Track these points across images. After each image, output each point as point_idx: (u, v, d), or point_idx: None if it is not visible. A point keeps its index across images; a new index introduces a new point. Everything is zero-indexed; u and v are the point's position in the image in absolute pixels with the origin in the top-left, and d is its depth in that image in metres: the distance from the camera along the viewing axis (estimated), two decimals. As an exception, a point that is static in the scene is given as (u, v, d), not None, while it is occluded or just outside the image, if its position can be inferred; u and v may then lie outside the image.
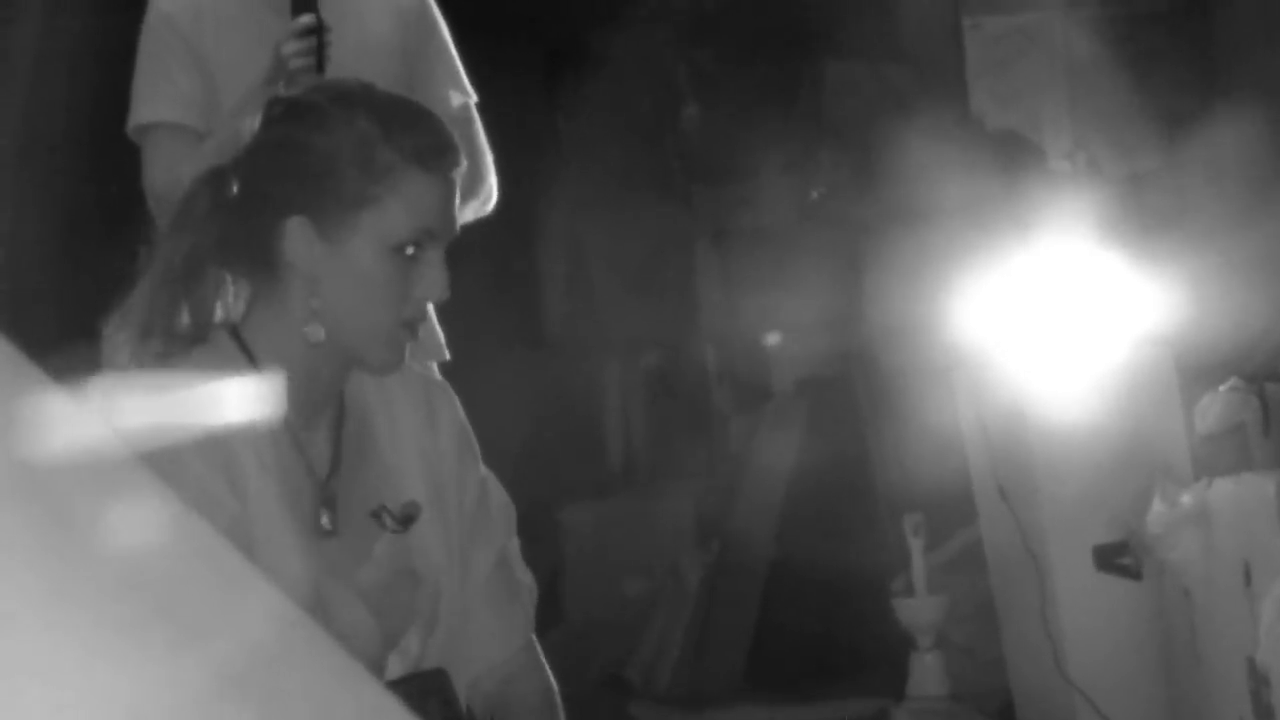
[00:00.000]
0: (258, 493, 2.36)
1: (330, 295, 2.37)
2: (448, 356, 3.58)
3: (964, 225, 4.81)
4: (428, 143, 2.38)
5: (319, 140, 2.37)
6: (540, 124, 6.46)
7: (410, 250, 2.36)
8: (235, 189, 2.42)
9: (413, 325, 2.41)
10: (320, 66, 3.35)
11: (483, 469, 2.56)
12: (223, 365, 2.39)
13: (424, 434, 2.50)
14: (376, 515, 2.44)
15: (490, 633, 2.52)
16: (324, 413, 2.45)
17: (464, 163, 2.45)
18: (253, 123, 2.45)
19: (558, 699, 2.56)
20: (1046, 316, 4.46)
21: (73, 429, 0.99)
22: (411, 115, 2.43)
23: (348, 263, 2.36)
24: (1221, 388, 4.04)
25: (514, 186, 3.70)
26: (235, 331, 2.43)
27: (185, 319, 2.42)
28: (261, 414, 2.39)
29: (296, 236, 2.36)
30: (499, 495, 2.56)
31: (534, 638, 2.58)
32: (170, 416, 2.32)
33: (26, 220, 5.25)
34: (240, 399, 2.38)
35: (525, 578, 2.64)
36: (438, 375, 3.47)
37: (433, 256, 2.37)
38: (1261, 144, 4.39)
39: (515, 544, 2.62)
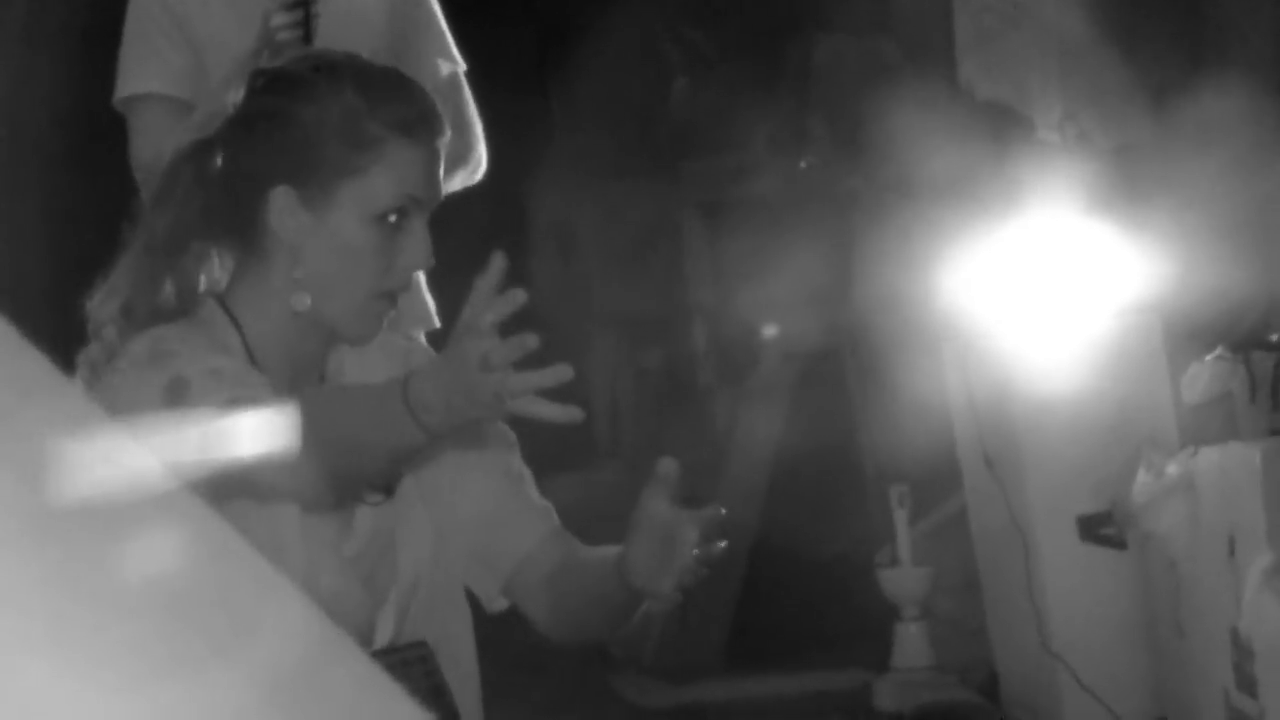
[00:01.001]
0: None
1: (314, 265, 2.37)
2: (438, 324, 3.57)
3: (953, 197, 4.79)
4: (413, 112, 2.38)
5: (304, 111, 2.36)
6: (530, 99, 6.45)
7: (394, 219, 2.35)
8: (219, 161, 2.41)
9: (393, 295, 2.40)
10: (308, 38, 3.34)
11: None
12: (205, 330, 2.39)
13: None
14: None
15: (511, 532, 2.51)
16: (306, 382, 2.44)
17: (448, 131, 2.44)
18: (236, 94, 2.44)
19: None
20: (1034, 287, 4.45)
21: (91, 433, 0.99)
22: (396, 85, 2.42)
23: (332, 232, 2.35)
24: (1208, 357, 4.02)
25: (503, 161, 3.70)
26: (222, 301, 2.42)
27: (169, 292, 2.41)
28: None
29: (281, 207, 2.36)
30: (498, 430, 2.54)
31: (570, 535, 2.55)
32: (165, 342, 2.31)
33: (15, 203, 5.23)
34: (231, 367, 2.36)
35: (540, 500, 2.62)
36: (424, 343, 3.46)
37: (416, 225, 2.37)
38: (1249, 114, 4.37)
39: (528, 472, 2.60)
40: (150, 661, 0.91)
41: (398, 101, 2.37)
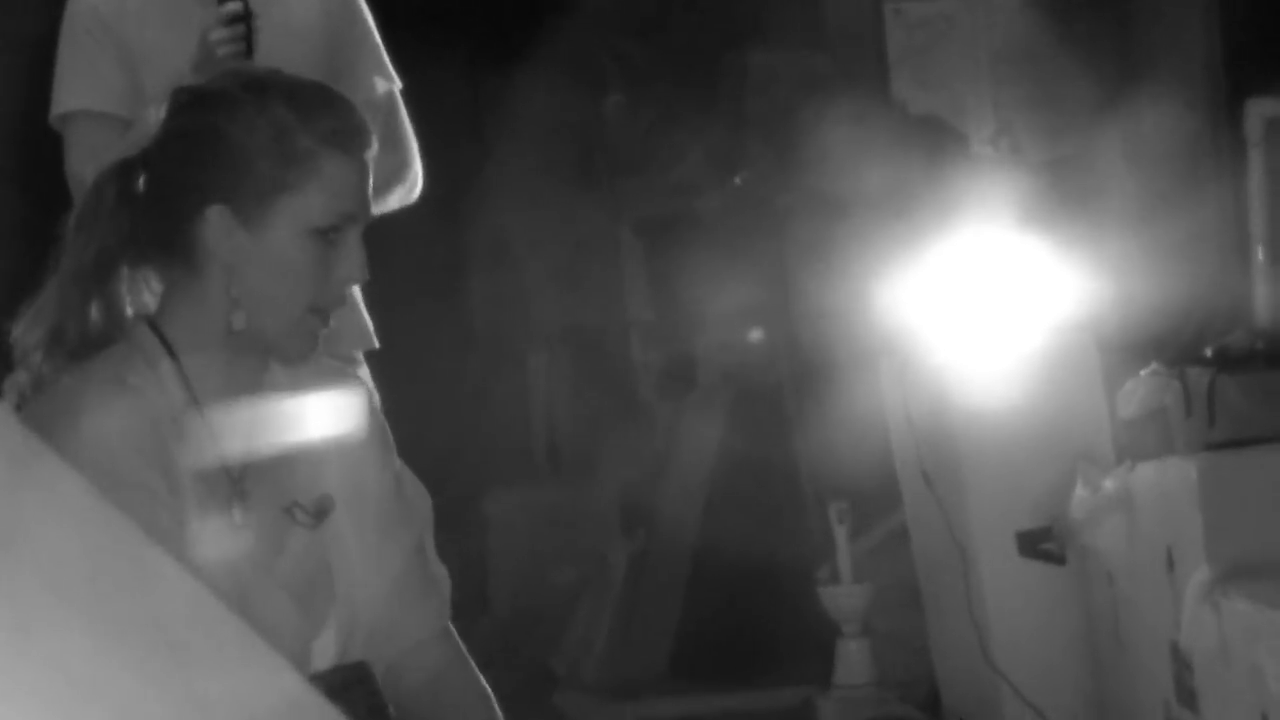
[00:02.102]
0: (183, 490, 2.34)
1: (250, 282, 2.34)
2: (376, 344, 3.55)
3: (887, 211, 4.81)
4: (343, 125, 2.36)
5: (232, 128, 2.34)
6: (464, 115, 6.44)
7: (330, 234, 2.34)
8: (143, 181, 2.39)
9: (326, 312, 2.38)
10: (249, 53, 3.32)
11: (397, 462, 2.54)
12: (140, 360, 2.36)
13: (340, 429, 2.48)
14: (288, 510, 2.42)
15: (404, 619, 2.50)
16: (240, 404, 2.42)
17: (375, 144, 2.43)
18: (159, 112, 2.42)
19: (494, 703, 2.52)
20: (969, 302, 4.46)
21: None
22: (324, 99, 2.40)
23: (269, 249, 2.33)
24: (1143, 372, 4.04)
25: (438, 178, 3.69)
26: (153, 324, 2.39)
27: (98, 316, 2.39)
28: (181, 407, 2.36)
29: (216, 225, 2.33)
30: (415, 488, 2.55)
31: (455, 634, 2.56)
32: (96, 416, 2.29)
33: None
34: (160, 392, 2.35)
35: (440, 570, 2.62)
36: (363, 365, 3.45)
37: (350, 238, 2.35)
38: (1180, 128, 4.40)
39: (431, 537, 2.60)
40: (76, 683, 0.90)
41: (328, 115, 2.36)
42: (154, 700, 0.92)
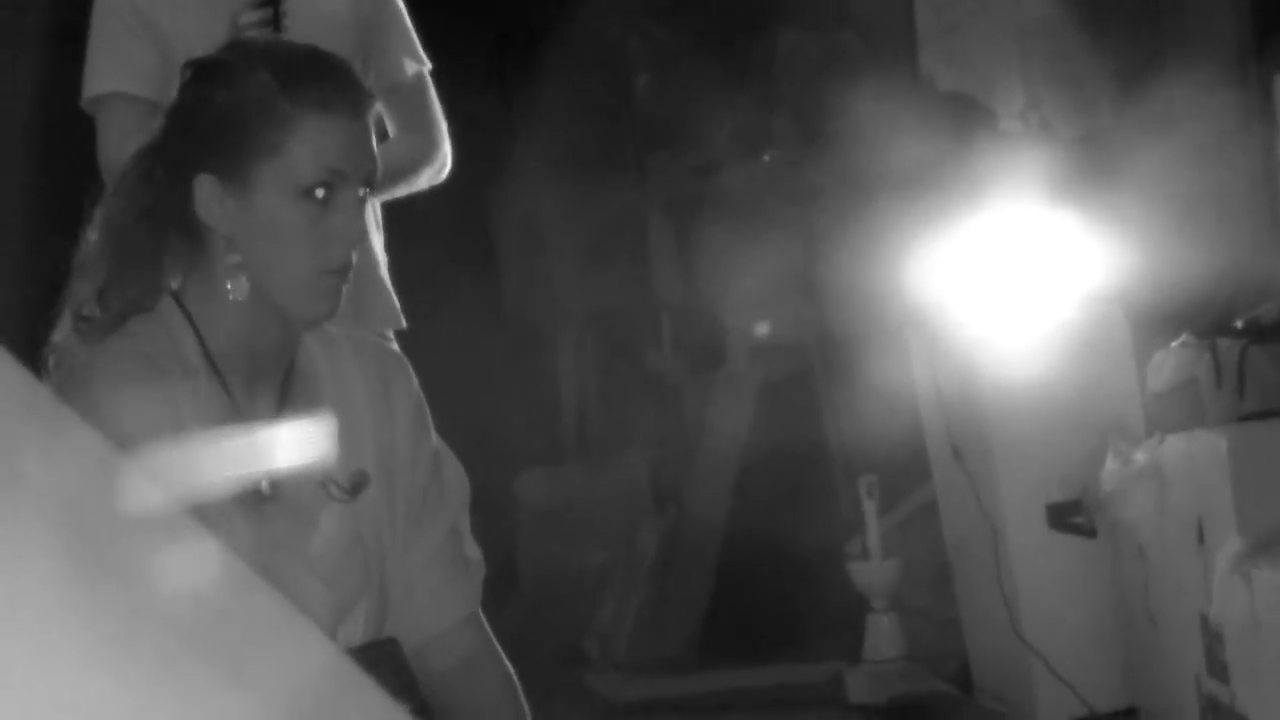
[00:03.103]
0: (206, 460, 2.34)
1: (246, 249, 2.35)
2: (404, 324, 3.56)
3: (917, 188, 4.80)
4: (328, 87, 2.36)
5: (220, 95, 2.36)
6: (493, 98, 6.44)
7: (321, 194, 2.33)
8: (158, 159, 2.42)
9: (340, 272, 2.37)
10: (278, 36, 3.33)
11: (436, 441, 2.53)
12: (163, 333, 2.37)
13: (377, 404, 2.47)
14: (323, 484, 2.41)
15: (433, 603, 2.49)
16: (270, 377, 2.42)
17: (375, 105, 2.43)
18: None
19: (519, 690, 2.53)
20: (999, 276, 4.46)
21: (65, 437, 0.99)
22: (313, 64, 2.40)
23: (258, 214, 2.33)
24: (1174, 344, 4.03)
25: (466, 160, 3.69)
26: (177, 298, 2.40)
27: (126, 291, 2.40)
28: (203, 379, 2.36)
29: (205, 194, 2.35)
30: (453, 469, 2.53)
31: (484, 621, 2.56)
32: (113, 389, 2.30)
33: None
34: (183, 366, 2.36)
35: (474, 553, 2.61)
36: (394, 345, 3.45)
37: (345, 199, 2.34)
38: (1210, 101, 4.38)
39: (466, 519, 2.59)
40: (111, 640, 0.90)
41: (312, 79, 2.35)
42: (189, 660, 0.92)
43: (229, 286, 2.35)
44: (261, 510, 2.38)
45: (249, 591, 1.02)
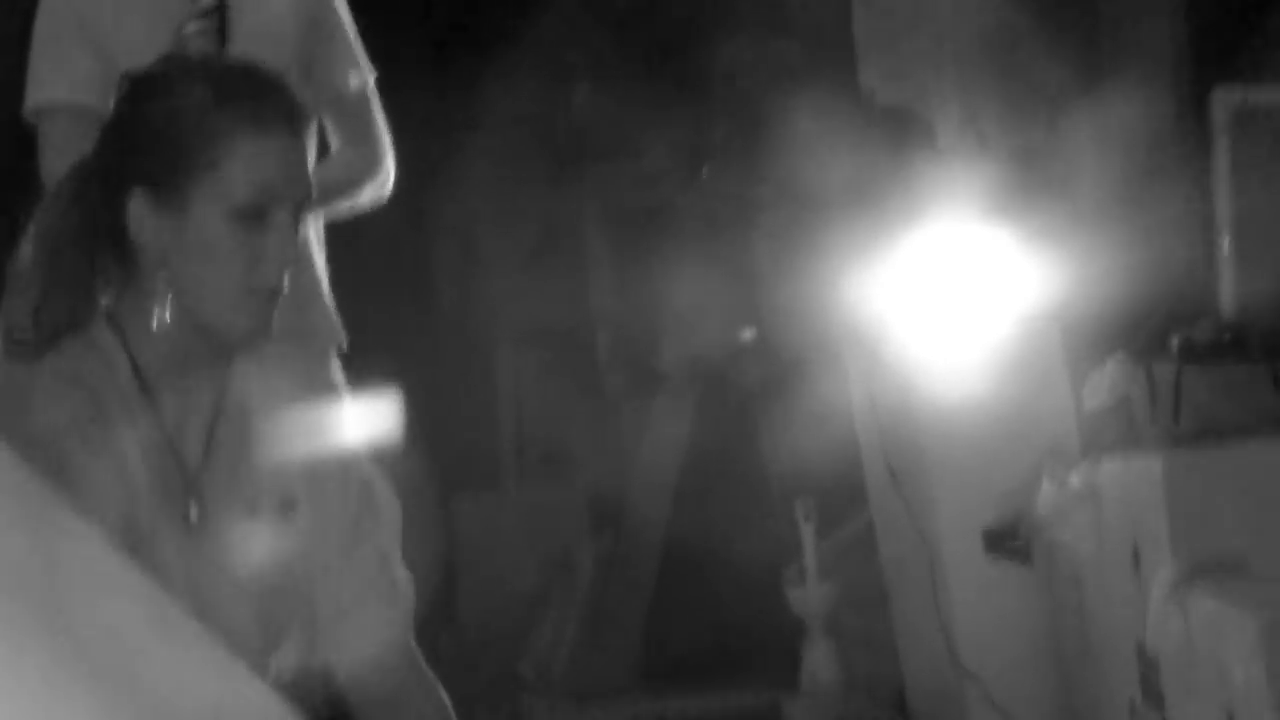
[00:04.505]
0: (139, 483, 2.30)
1: (178, 267, 2.32)
2: (344, 341, 3.55)
3: (854, 203, 4.76)
4: (265, 105, 2.33)
5: (153, 110, 2.33)
6: (430, 106, 6.38)
7: (255, 213, 2.30)
8: (93, 173, 2.38)
9: (270, 293, 2.33)
10: (223, 45, 3.33)
11: (368, 467, 2.51)
12: (95, 354, 2.34)
13: (306, 432, 2.45)
14: (249, 509, 2.39)
15: (365, 631, 2.48)
16: (201, 400, 2.39)
17: (311, 123, 2.42)
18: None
19: (452, 715, 2.51)
20: (935, 294, 4.41)
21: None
22: (250, 81, 2.38)
23: (190, 231, 2.30)
24: (1109, 362, 3.99)
25: (404, 170, 3.67)
26: (110, 317, 2.37)
27: (59, 310, 2.36)
28: (135, 401, 2.34)
29: (138, 210, 2.32)
30: (385, 495, 2.51)
31: (416, 648, 2.52)
32: (42, 410, 2.28)
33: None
34: (114, 386, 2.34)
35: (403, 576, 2.58)
36: (336, 363, 3.42)
37: (280, 219, 2.32)
38: (1147, 117, 4.35)
39: (398, 544, 2.56)
40: (33, 692, 0.87)
41: (248, 96, 2.33)
42: (114, 708, 0.89)
43: (155, 311, 2.31)
44: (190, 537, 2.34)
45: (176, 627, 0.99)
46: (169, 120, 2.31)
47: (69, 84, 3.48)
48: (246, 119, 2.30)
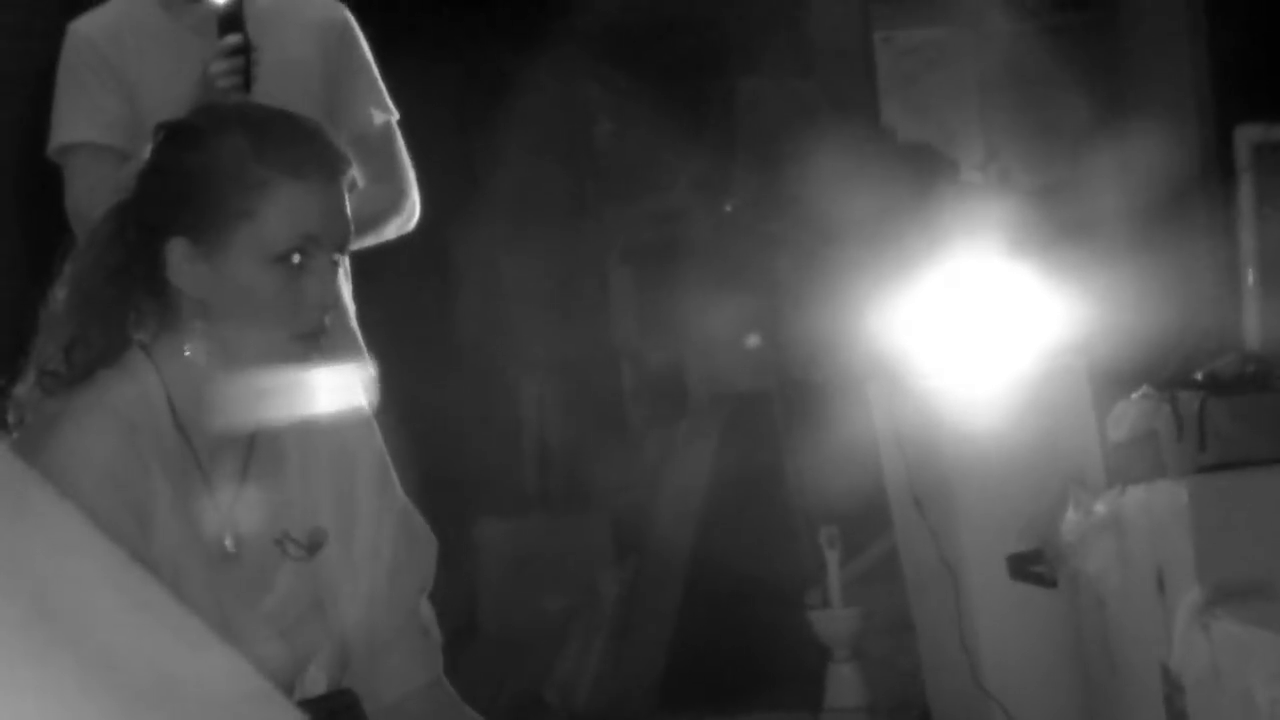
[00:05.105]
0: (163, 521, 2.32)
1: (219, 313, 2.34)
2: (374, 373, 3.56)
3: (877, 238, 4.81)
4: (302, 152, 2.35)
5: (192, 160, 2.35)
6: (453, 144, 6.44)
7: (295, 259, 2.32)
8: (130, 220, 2.40)
9: (312, 337, 2.35)
10: (248, 85, 3.32)
11: (401, 499, 2.53)
12: (131, 387, 2.36)
13: (339, 461, 2.47)
14: (279, 542, 2.41)
15: (405, 665, 2.50)
16: (233, 438, 2.41)
17: (349, 169, 2.42)
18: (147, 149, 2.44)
19: None
20: (960, 328, 4.47)
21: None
22: (286, 128, 2.39)
23: (231, 279, 2.32)
24: (1134, 395, 4.04)
25: (430, 206, 3.68)
26: (148, 351, 2.39)
27: (92, 348, 2.39)
28: (169, 435, 2.36)
29: (178, 258, 2.34)
30: (422, 531, 2.52)
31: (447, 683, 2.55)
32: (76, 444, 2.30)
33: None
34: (150, 420, 2.35)
35: (428, 613, 2.61)
36: (367, 398, 3.46)
37: (319, 264, 2.33)
38: (1169, 154, 4.40)
39: (430, 582, 2.59)
40: (72, 715, 0.89)
41: (285, 143, 2.34)
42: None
43: (188, 350, 2.35)
44: (222, 568, 2.37)
45: (206, 654, 1.01)
46: (206, 169, 2.32)
47: (93, 124, 3.48)
48: (284, 166, 2.31)
